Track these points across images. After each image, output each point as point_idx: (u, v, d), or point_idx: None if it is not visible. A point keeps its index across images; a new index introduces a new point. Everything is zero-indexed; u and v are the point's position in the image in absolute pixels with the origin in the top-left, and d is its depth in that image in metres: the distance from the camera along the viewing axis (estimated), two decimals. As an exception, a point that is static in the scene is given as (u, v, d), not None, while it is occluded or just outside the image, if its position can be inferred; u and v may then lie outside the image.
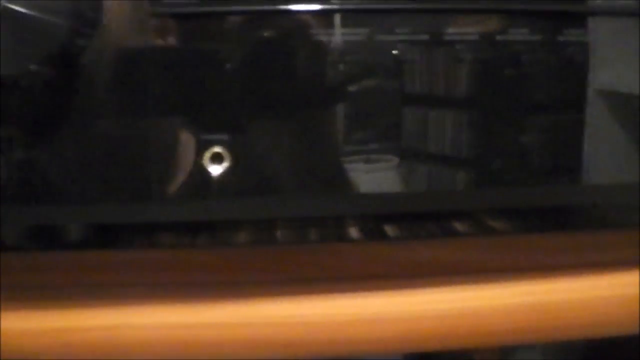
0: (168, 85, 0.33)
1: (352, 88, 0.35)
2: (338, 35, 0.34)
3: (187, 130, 0.34)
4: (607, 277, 0.39)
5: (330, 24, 0.34)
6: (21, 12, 0.30)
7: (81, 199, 0.35)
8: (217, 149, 0.34)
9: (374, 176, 0.36)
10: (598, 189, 0.39)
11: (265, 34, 0.34)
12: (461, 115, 0.36)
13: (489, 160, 0.37)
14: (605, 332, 0.40)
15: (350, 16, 0.34)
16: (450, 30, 0.35)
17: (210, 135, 0.34)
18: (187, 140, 0.34)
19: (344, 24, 0.34)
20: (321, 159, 0.35)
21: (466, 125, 0.37)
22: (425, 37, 0.35)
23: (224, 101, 0.34)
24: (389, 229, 0.39)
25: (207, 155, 0.34)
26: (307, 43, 0.34)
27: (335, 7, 0.34)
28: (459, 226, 0.40)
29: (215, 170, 0.34)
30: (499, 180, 0.37)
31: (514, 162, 0.37)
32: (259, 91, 0.34)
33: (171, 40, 0.33)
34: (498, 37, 0.36)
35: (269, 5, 0.33)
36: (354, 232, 0.40)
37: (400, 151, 0.36)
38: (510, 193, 0.38)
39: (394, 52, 0.35)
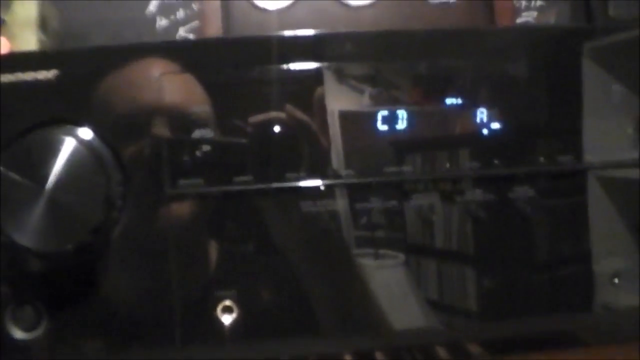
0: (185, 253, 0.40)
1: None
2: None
3: (202, 287, 0.40)
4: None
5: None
6: (63, 199, 0.37)
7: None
8: (227, 302, 0.40)
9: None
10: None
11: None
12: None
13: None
14: None
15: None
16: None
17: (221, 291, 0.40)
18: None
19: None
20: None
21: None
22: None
23: (233, 264, 0.40)
24: (379, 356, 0.44)
25: (220, 307, 0.40)
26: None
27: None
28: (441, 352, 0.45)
29: (227, 319, 0.40)
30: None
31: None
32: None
33: (186, 216, 0.40)
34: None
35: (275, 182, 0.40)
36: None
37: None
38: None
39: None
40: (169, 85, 0.40)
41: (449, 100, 0.42)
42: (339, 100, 0.41)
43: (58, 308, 0.40)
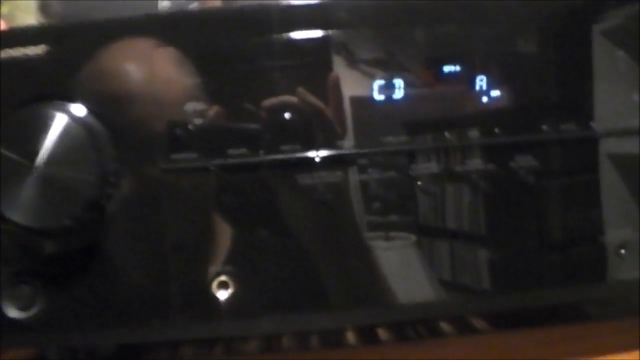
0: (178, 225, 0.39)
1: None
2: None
3: (197, 262, 0.40)
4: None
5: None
6: (55, 174, 0.36)
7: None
8: (223, 278, 0.39)
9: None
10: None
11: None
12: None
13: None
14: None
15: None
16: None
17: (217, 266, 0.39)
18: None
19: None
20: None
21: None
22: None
23: (230, 238, 0.40)
24: (382, 333, 0.44)
25: (215, 283, 0.40)
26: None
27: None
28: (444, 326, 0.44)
29: (222, 295, 0.40)
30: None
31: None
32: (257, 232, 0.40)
33: (181, 190, 0.39)
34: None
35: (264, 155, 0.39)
36: (350, 337, 0.44)
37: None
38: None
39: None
40: (160, 59, 0.39)
41: (447, 68, 0.40)
42: (343, 75, 0.40)
43: (53, 287, 0.39)
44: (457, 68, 0.40)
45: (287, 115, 0.39)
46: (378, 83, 0.40)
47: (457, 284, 0.41)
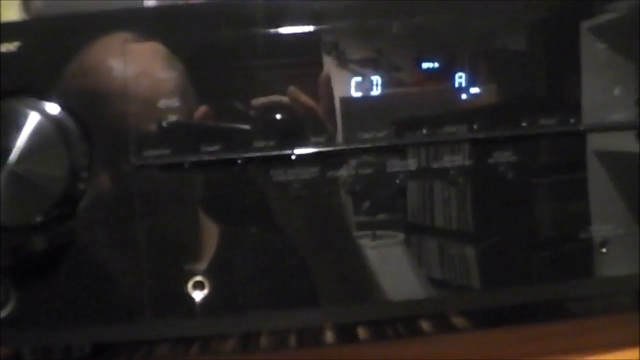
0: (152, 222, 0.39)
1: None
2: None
3: (171, 261, 0.39)
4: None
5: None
6: (25, 171, 0.36)
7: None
8: (198, 277, 0.39)
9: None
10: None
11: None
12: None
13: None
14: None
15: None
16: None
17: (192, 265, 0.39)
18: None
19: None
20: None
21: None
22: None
23: (204, 236, 0.39)
24: (361, 332, 0.43)
25: (190, 283, 0.39)
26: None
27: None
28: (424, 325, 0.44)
29: (198, 295, 0.39)
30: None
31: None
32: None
33: (153, 187, 0.39)
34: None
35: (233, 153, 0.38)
36: (329, 336, 0.44)
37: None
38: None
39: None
40: (133, 54, 0.38)
41: (426, 65, 0.40)
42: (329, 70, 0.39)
43: (26, 285, 0.39)
44: (437, 64, 0.40)
45: (272, 114, 0.39)
46: (356, 80, 0.39)
47: (445, 281, 0.41)
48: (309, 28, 0.39)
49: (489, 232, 0.41)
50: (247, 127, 0.39)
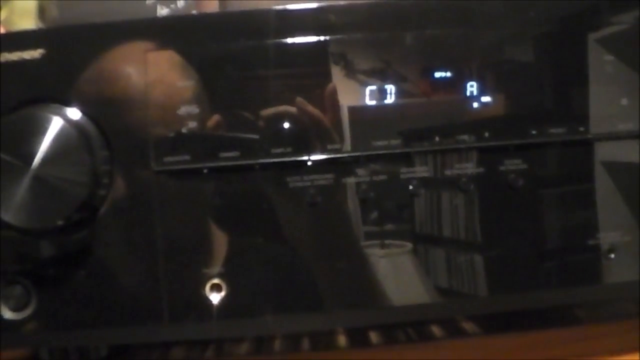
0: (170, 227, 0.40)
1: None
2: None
3: (189, 264, 0.40)
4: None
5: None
6: (48, 176, 0.37)
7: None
8: (215, 280, 0.40)
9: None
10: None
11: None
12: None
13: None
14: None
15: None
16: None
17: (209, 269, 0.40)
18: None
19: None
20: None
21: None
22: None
23: (221, 240, 0.40)
24: (372, 336, 0.44)
25: (208, 285, 0.40)
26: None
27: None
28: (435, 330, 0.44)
29: (215, 298, 0.40)
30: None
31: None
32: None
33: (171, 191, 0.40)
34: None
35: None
36: (342, 340, 0.45)
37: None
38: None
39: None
40: (153, 63, 0.39)
41: (438, 74, 0.41)
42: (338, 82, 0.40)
43: (47, 287, 0.40)
44: (449, 74, 0.41)
45: (284, 123, 0.40)
46: (370, 89, 0.40)
47: (453, 289, 0.42)
48: (322, 39, 0.40)
49: (497, 239, 0.42)
50: (255, 136, 0.39)
